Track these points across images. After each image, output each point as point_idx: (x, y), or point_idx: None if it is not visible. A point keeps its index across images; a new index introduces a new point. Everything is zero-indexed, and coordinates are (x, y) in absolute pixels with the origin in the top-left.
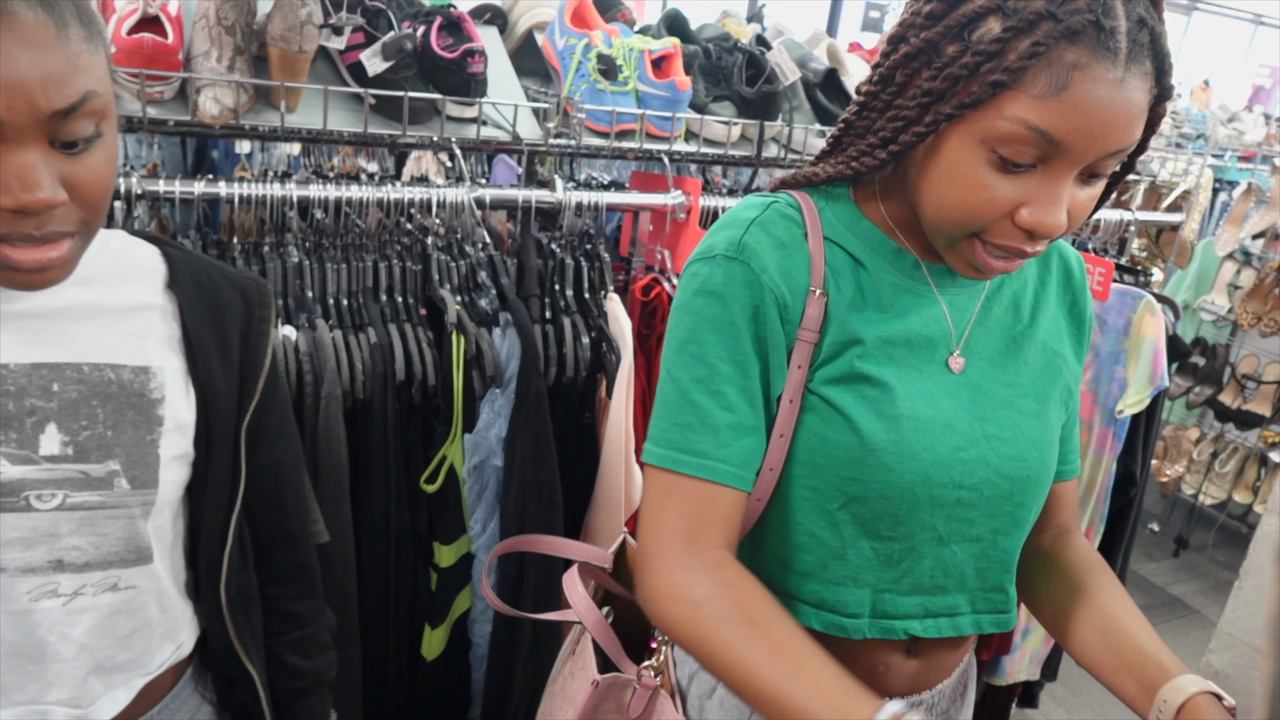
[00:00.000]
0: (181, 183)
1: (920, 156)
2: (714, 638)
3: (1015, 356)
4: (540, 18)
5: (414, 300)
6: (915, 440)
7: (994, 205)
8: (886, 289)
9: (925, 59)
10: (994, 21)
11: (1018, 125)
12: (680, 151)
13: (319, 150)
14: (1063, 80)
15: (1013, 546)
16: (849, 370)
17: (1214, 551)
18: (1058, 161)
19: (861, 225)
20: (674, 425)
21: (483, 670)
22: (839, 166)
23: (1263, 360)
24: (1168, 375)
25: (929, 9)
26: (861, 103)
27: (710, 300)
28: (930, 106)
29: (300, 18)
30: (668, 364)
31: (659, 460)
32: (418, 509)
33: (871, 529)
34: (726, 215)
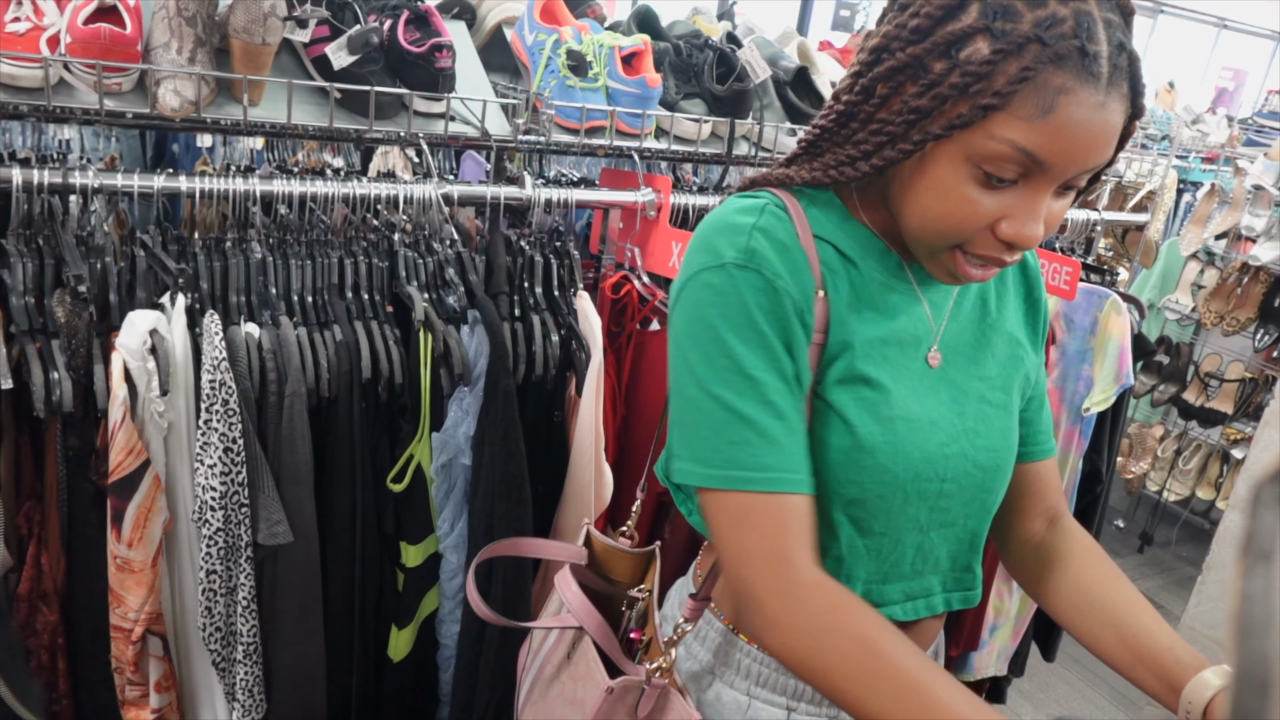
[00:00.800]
0: (140, 177)
1: (904, 171)
2: (835, 671)
3: (984, 349)
4: (509, 13)
5: (380, 297)
6: (908, 440)
7: (977, 219)
8: (876, 288)
9: (911, 74)
10: (982, 42)
11: (1004, 145)
12: (651, 149)
13: (283, 145)
14: (1049, 103)
15: (980, 529)
16: (848, 372)
17: (1177, 547)
18: (1039, 178)
19: (849, 224)
20: (728, 443)
21: (451, 671)
22: (815, 173)
23: (1225, 359)
24: (1133, 373)
25: (915, 24)
26: (842, 111)
27: (732, 310)
28: (917, 124)
29: (264, 9)
30: (698, 380)
31: (723, 483)
32: (384, 508)
33: (865, 527)
34: (718, 220)
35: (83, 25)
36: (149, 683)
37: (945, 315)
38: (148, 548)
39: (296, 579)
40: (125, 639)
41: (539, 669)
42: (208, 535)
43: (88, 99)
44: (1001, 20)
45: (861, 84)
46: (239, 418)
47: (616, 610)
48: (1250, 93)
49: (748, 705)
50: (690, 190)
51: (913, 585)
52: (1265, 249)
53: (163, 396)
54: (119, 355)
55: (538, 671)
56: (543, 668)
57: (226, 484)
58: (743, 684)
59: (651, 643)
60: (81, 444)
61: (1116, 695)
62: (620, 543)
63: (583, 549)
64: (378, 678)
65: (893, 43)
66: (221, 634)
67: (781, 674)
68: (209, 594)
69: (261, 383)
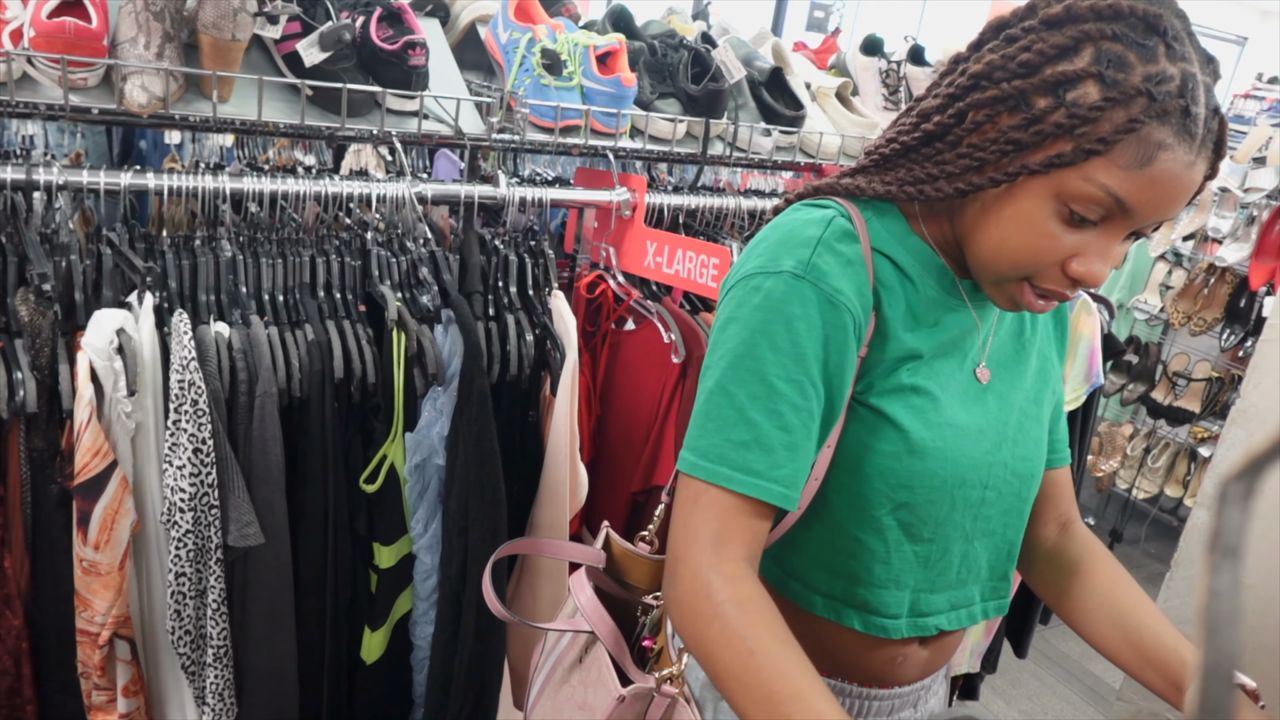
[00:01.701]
0: (107, 174)
1: (986, 198)
2: (717, 659)
3: (1023, 363)
4: (483, 11)
5: (353, 297)
6: (956, 446)
7: (1052, 254)
8: (931, 305)
9: (1011, 105)
10: (1092, 87)
11: (1098, 189)
12: (625, 148)
13: (254, 142)
14: (1148, 156)
15: (1017, 539)
16: (900, 382)
17: (1146, 544)
18: (1119, 221)
19: (911, 240)
20: (727, 441)
21: (424, 673)
22: (890, 187)
23: (1192, 358)
24: (1103, 373)
25: (1025, 58)
26: (930, 132)
27: (773, 317)
28: (1014, 156)
29: (233, 4)
30: (719, 376)
31: (709, 475)
32: (357, 509)
33: (914, 533)
34: (785, 229)
35: (46, 19)
36: (116, 687)
37: (991, 330)
38: (115, 550)
39: (267, 581)
40: (92, 643)
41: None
42: (177, 537)
43: (52, 94)
44: (1114, 69)
45: (957, 107)
46: (209, 418)
47: (632, 615)
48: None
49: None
50: (665, 190)
51: (957, 595)
52: (1231, 250)
53: (130, 397)
54: (85, 355)
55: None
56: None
57: (196, 485)
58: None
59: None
60: (46, 445)
61: (1087, 691)
62: (640, 548)
63: (601, 552)
64: (350, 680)
65: (996, 72)
66: (191, 637)
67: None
68: (178, 597)
69: (232, 383)
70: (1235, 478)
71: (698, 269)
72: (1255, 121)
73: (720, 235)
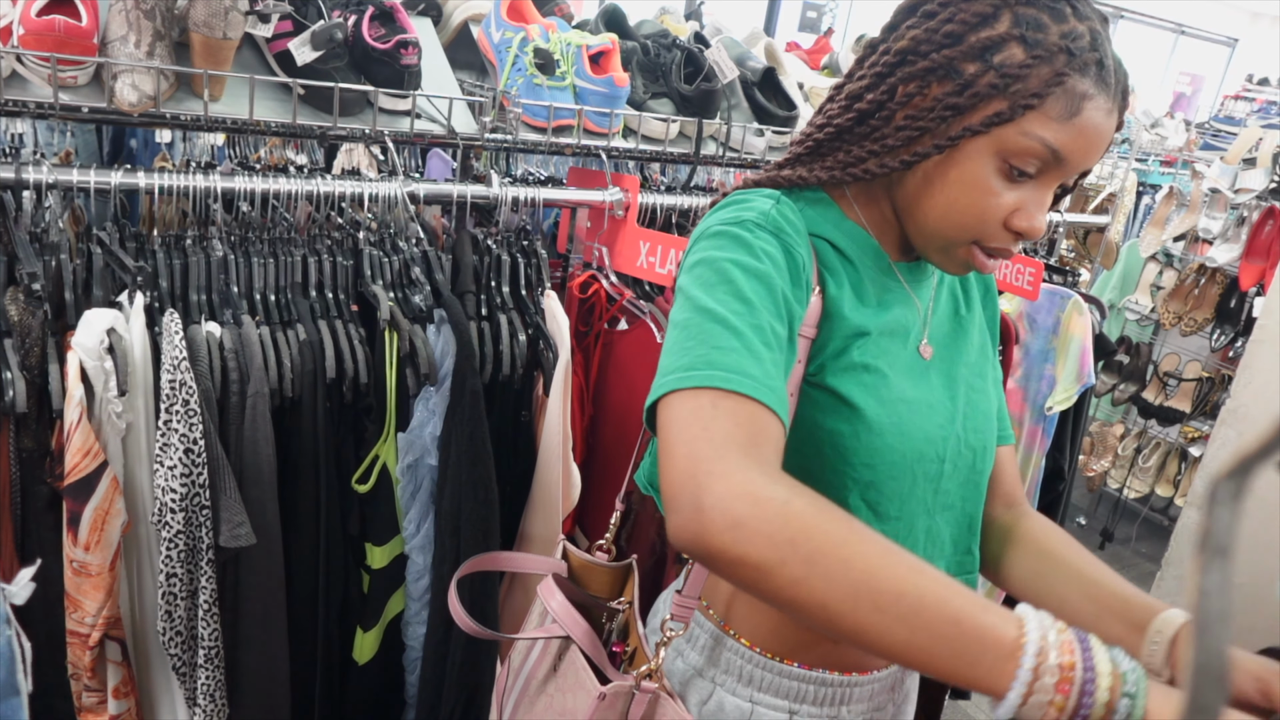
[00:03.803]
0: (97, 173)
1: (930, 166)
2: (816, 532)
3: (962, 339)
4: (476, 10)
5: (345, 296)
6: (910, 421)
7: (998, 210)
8: (872, 285)
9: (941, 75)
10: (1016, 48)
11: (1035, 141)
12: (618, 148)
13: (245, 141)
14: (1075, 107)
15: (976, 512)
16: (850, 361)
17: (1137, 544)
18: (1052, 173)
19: (846, 224)
20: (714, 349)
21: (417, 673)
22: (832, 171)
23: (1183, 358)
24: (1094, 373)
25: (948, 29)
26: (863, 110)
27: (743, 252)
28: (952, 120)
29: (225, 3)
30: (694, 301)
31: (704, 380)
32: (349, 510)
33: (881, 511)
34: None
35: (36, 16)
36: (107, 689)
37: (930, 310)
38: (105, 551)
39: (259, 581)
40: (82, 644)
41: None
42: (168, 538)
43: (41, 92)
44: (1033, 30)
45: (888, 83)
46: (200, 418)
47: (597, 622)
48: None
49: (750, 711)
50: (658, 189)
51: None
52: (1221, 251)
53: (121, 397)
54: (75, 355)
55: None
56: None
57: (187, 486)
58: (744, 690)
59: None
60: (36, 446)
61: None
62: (598, 556)
63: (562, 561)
64: (342, 681)
65: (922, 45)
66: (182, 638)
67: (781, 676)
68: (169, 598)
69: (223, 383)
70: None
71: None
72: (1246, 123)
73: None
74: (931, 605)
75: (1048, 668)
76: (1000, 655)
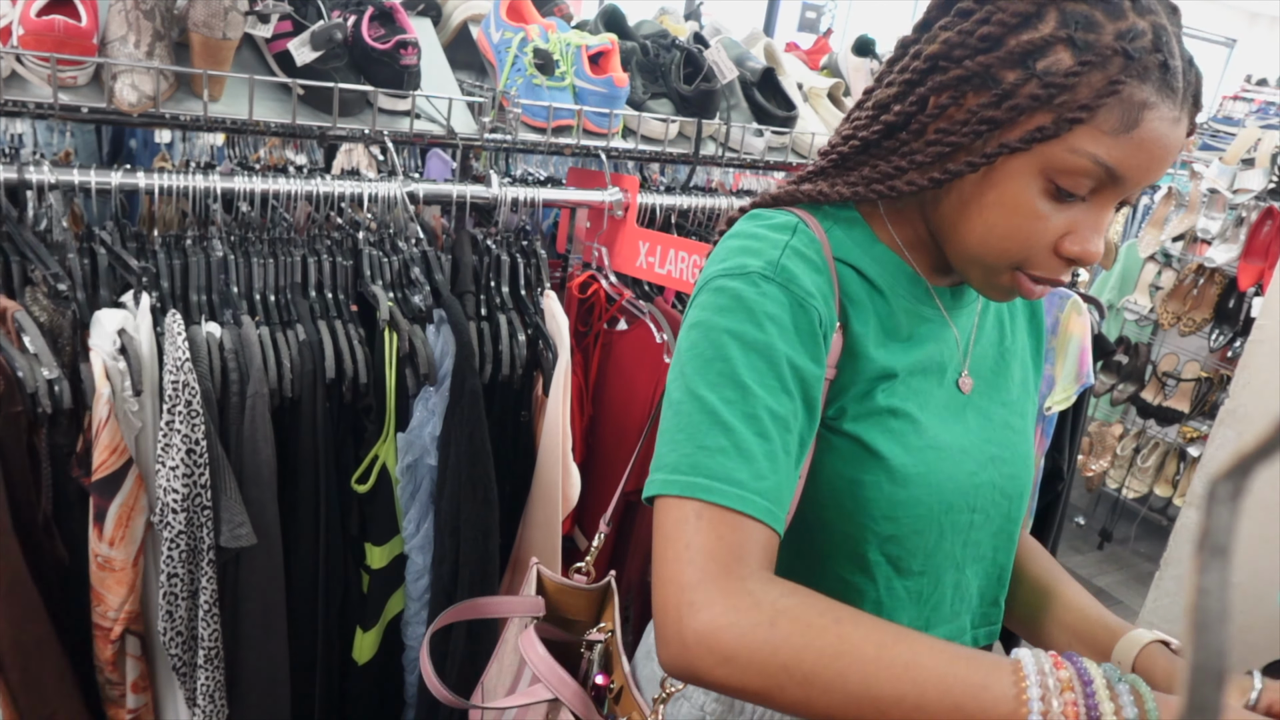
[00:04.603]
0: (97, 173)
1: (967, 186)
2: (807, 649)
3: (1005, 374)
4: (475, 10)
5: (345, 296)
6: (940, 470)
7: (1045, 234)
8: (904, 316)
9: (977, 84)
10: (1063, 53)
11: (1085, 159)
12: (618, 148)
13: (245, 141)
14: (1133, 118)
15: (1008, 563)
16: (875, 405)
17: (1136, 544)
18: (1108, 192)
19: (876, 248)
20: (700, 449)
21: (416, 673)
22: (856, 188)
23: (1182, 359)
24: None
25: (985, 31)
26: (891, 123)
27: (742, 318)
28: (989, 135)
29: (224, 3)
30: (687, 382)
31: (687, 490)
32: (349, 510)
33: (904, 567)
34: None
35: (36, 17)
36: (126, 682)
37: (971, 340)
38: (129, 547)
39: (259, 582)
40: (105, 638)
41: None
42: (169, 538)
43: (41, 93)
44: (1083, 30)
45: (918, 93)
46: (201, 419)
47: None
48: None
49: None
50: (657, 190)
51: (952, 627)
52: (1220, 251)
53: (135, 396)
54: (98, 353)
55: None
56: None
57: (189, 486)
58: None
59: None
60: (66, 442)
61: None
62: (576, 579)
63: (538, 599)
64: (342, 681)
65: (955, 50)
66: (183, 638)
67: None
68: (170, 598)
69: (223, 383)
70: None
71: (690, 269)
72: (1244, 123)
73: (712, 235)
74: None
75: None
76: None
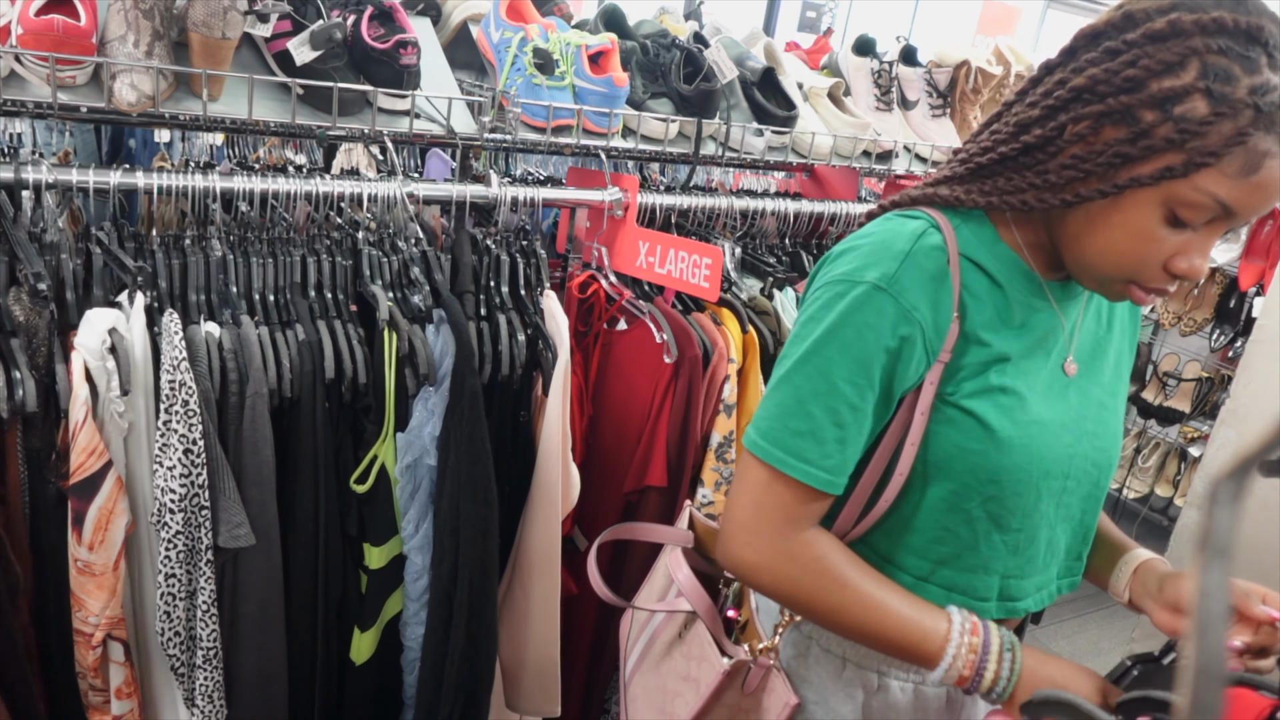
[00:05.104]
0: (96, 172)
1: (1095, 207)
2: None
3: (1101, 359)
4: (475, 10)
5: (344, 296)
6: (1040, 441)
7: (1158, 256)
8: (1019, 307)
9: (1116, 120)
10: (1200, 101)
11: (1207, 197)
12: (617, 148)
13: (244, 141)
14: (1255, 164)
15: (1093, 521)
16: (988, 383)
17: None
18: (1220, 224)
19: (999, 247)
20: (785, 429)
21: (414, 674)
22: (990, 197)
23: (1183, 358)
24: None
25: (1130, 74)
26: (1029, 143)
27: (849, 323)
28: (1121, 168)
29: (224, 3)
30: (789, 366)
31: (766, 456)
32: (348, 510)
33: (1002, 523)
34: (876, 238)
35: (35, 16)
36: (110, 688)
37: (1076, 327)
38: (109, 551)
39: (258, 582)
40: (86, 643)
41: (648, 643)
42: (167, 538)
43: (40, 92)
44: (1220, 83)
45: (1059, 120)
46: (199, 418)
47: (715, 588)
48: None
49: (843, 667)
50: (657, 189)
51: (1042, 577)
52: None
53: (123, 396)
54: (79, 354)
55: (646, 645)
56: (652, 642)
57: (186, 486)
58: (838, 648)
59: (749, 624)
60: (43, 445)
61: None
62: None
63: (689, 532)
64: (340, 681)
65: (1100, 85)
66: (181, 639)
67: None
68: (168, 598)
69: (222, 383)
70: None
71: (690, 269)
72: None
73: (712, 235)
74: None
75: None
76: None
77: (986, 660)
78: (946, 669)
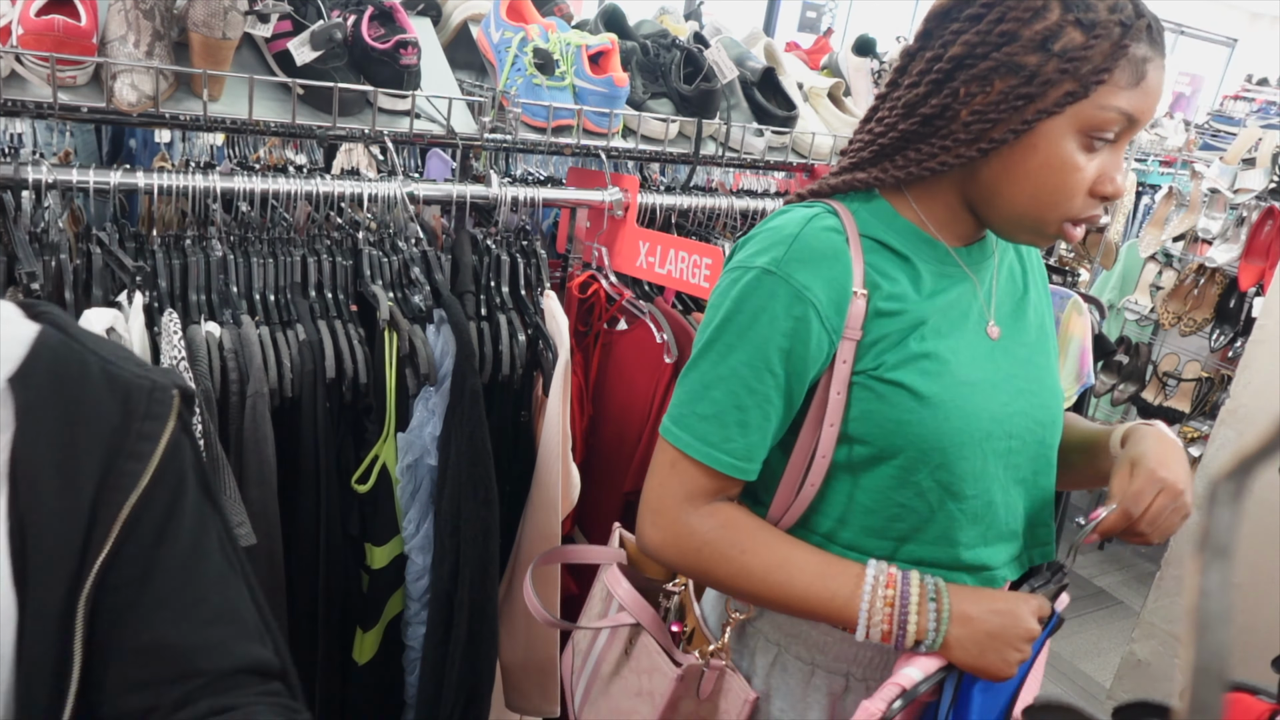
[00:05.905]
0: (96, 172)
1: (1008, 157)
2: (717, 570)
3: (1022, 319)
4: (475, 10)
5: (345, 296)
6: (973, 402)
7: (1083, 184)
8: (930, 275)
9: (1004, 71)
10: (1074, 32)
11: (1112, 112)
12: (618, 148)
13: (244, 141)
14: (1140, 71)
15: (1050, 485)
16: (911, 352)
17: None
18: (1125, 134)
19: (898, 222)
20: (692, 414)
21: (416, 674)
22: (907, 169)
23: (1183, 358)
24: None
25: (1002, 29)
26: (928, 115)
27: (742, 308)
28: (1025, 106)
29: (224, 3)
30: (695, 355)
31: (675, 440)
32: (349, 510)
33: (955, 490)
34: (768, 228)
35: (35, 16)
36: None
37: (992, 291)
38: None
39: (258, 582)
40: None
41: (593, 670)
42: None
43: (40, 92)
44: (1083, 12)
45: (949, 88)
46: (199, 419)
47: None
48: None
49: (811, 674)
50: (657, 189)
51: (1011, 546)
52: (1221, 251)
53: None
54: None
55: (593, 672)
56: (598, 667)
57: None
58: (807, 654)
59: (694, 633)
60: None
61: (1077, 690)
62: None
63: (620, 550)
64: (342, 681)
65: (979, 47)
66: None
67: (843, 644)
68: None
69: (223, 383)
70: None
71: (690, 269)
72: (1245, 123)
73: (712, 235)
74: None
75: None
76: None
77: (907, 612)
78: (866, 625)
